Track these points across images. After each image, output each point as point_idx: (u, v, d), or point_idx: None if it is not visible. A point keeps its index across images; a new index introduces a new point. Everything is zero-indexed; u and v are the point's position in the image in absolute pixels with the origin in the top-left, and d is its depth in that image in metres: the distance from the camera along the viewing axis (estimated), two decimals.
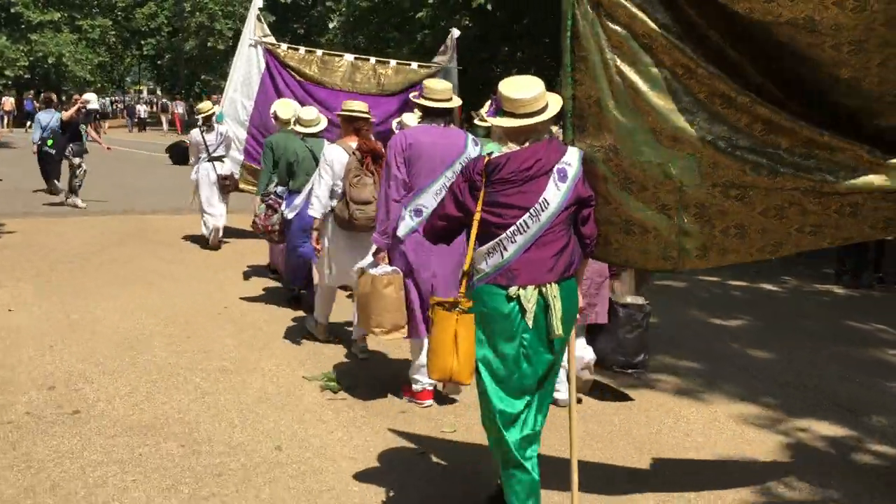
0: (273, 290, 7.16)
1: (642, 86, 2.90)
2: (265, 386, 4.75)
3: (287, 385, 4.78)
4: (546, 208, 2.83)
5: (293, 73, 9.07)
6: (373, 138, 5.23)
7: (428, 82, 4.38)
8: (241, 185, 9.20)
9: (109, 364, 4.98)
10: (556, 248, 2.86)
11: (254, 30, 9.11)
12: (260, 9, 9.25)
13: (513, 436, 2.89)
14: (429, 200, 4.19)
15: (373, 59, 9.43)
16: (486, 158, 2.90)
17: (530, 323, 2.81)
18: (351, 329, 5.49)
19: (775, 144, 2.80)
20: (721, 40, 2.85)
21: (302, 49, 9.39)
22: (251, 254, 8.69)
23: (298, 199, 5.95)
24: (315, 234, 5.28)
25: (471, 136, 4.42)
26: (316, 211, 5.16)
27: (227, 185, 9.01)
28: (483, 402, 2.97)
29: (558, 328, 2.82)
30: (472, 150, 4.25)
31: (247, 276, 7.77)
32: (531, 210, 2.83)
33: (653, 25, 2.85)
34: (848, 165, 2.72)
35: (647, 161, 2.95)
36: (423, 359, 4.32)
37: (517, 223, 2.83)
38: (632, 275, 4.90)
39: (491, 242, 2.87)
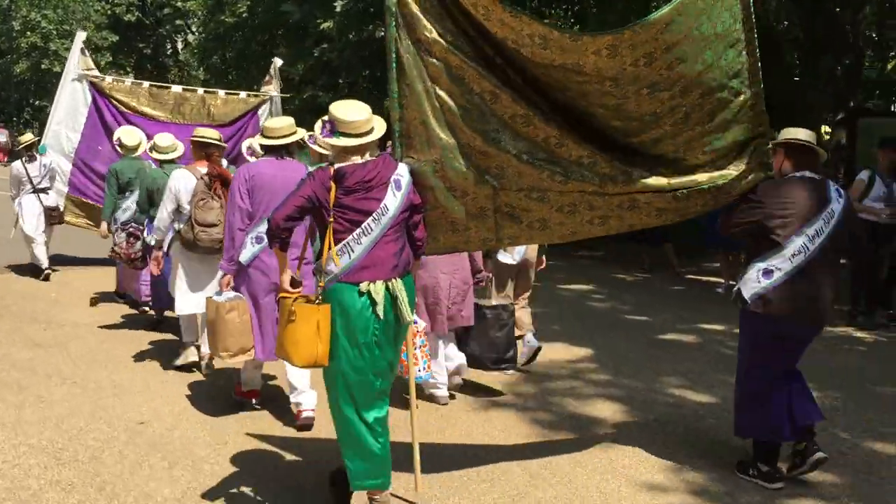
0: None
1: (457, 110, 3.69)
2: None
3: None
4: (386, 213, 3.42)
5: (120, 105, 9.53)
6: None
7: (267, 122, 4.94)
8: (68, 219, 9.51)
9: None
10: (395, 248, 3.46)
11: (77, 63, 9.48)
12: (84, 41, 9.74)
13: (369, 416, 3.45)
14: None
15: (201, 90, 10.23)
16: (332, 169, 3.41)
17: (380, 314, 3.36)
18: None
19: (566, 156, 3.76)
20: (516, 74, 3.72)
21: (128, 80, 10.09)
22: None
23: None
24: (156, 254, 5.79)
25: (309, 169, 4.65)
26: (155, 237, 5.67)
27: (53, 217, 9.20)
28: (336, 389, 3.47)
29: (409, 315, 3.46)
30: None
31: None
32: (374, 214, 3.39)
33: (463, 59, 3.63)
34: (625, 171, 3.75)
35: (466, 171, 3.75)
36: (300, 395, 4.80)
37: (362, 226, 3.37)
38: (494, 282, 5.87)
39: (339, 245, 3.38)
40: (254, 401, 5.15)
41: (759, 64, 3.69)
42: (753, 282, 4.00)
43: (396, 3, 3.65)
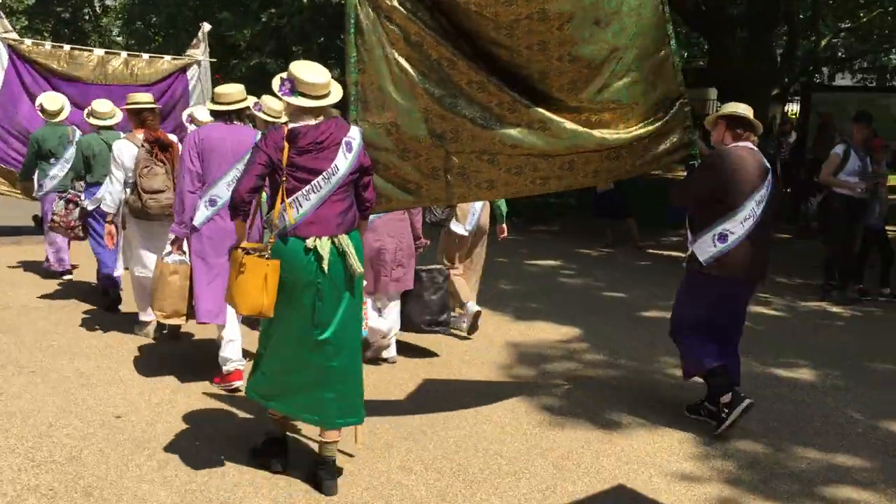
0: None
1: (416, 75, 3.86)
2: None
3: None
4: (336, 173, 3.53)
5: (40, 68, 9.36)
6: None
7: (218, 89, 4.90)
8: None
9: None
10: (342, 206, 3.59)
11: None
12: (0, 4, 9.47)
13: (317, 356, 3.57)
14: (222, 191, 4.69)
15: (124, 54, 10.23)
16: (285, 128, 3.51)
17: (325, 268, 3.48)
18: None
19: (517, 121, 3.97)
20: (468, 43, 3.88)
21: (48, 44, 9.87)
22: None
23: (100, 192, 6.10)
24: (109, 227, 5.77)
25: (259, 133, 4.78)
26: (108, 206, 5.65)
27: None
28: (275, 338, 3.65)
29: (358, 266, 3.57)
30: None
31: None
32: (324, 173, 3.50)
33: (422, 26, 3.79)
34: (568, 133, 4.01)
35: (422, 135, 3.95)
36: (225, 348, 4.83)
37: (312, 183, 3.49)
38: (441, 250, 6.08)
39: (288, 199, 3.49)
40: (236, 383, 4.81)
41: (672, 28, 4.15)
42: (709, 245, 4.29)
43: None
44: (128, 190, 5.55)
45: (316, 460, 3.71)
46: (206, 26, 10.50)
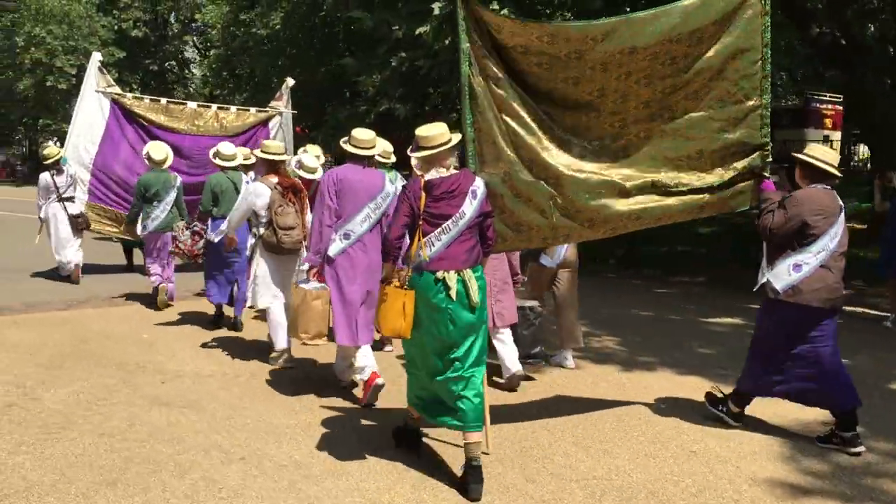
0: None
1: (520, 131, 4.53)
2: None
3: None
4: (463, 217, 4.07)
5: (141, 119, 10.32)
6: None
7: (355, 132, 5.35)
8: (95, 227, 10.14)
9: None
10: (468, 245, 4.10)
11: (97, 81, 10.19)
12: (101, 61, 10.50)
13: (452, 371, 4.02)
14: (356, 226, 5.24)
15: (214, 106, 11.20)
16: (422, 180, 4.09)
17: (453, 296, 3.98)
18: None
19: (606, 171, 4.67)
20: (565, 97, 4.61)
21: (146, 98, 10.92)
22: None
23: (224, 225, 6.94)
24: (230, 238, 6.66)
25: (387, 175, 5.57)
26: (229, 229, 6.54)
27: (79, 223, 9.85)
28: (419, 352, 4.16)
29: (476, 296, 4.04)
30: (389, 187, 5.39)
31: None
32: (453, 217, 4.05)
33: (521, 91, 4.51)
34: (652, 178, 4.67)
35: (530, 180, 4.56)
36: (359, 360, 5.33)
37: (443, 226, 4.03)
38: (529, 285, 6.44)
39: (423, 240, 4.03)
40: (378, 381, 5.22)
41: (770, 79, 4.55)
42: (784, 275, 4.60)
43: (469, 46, 4.38)
44: (261, 228, 6.05)
45: (465, 463, 3.99)
46: (290, 81, 11.33)
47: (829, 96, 30.07)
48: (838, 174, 4.68)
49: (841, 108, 30.83)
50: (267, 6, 20.32)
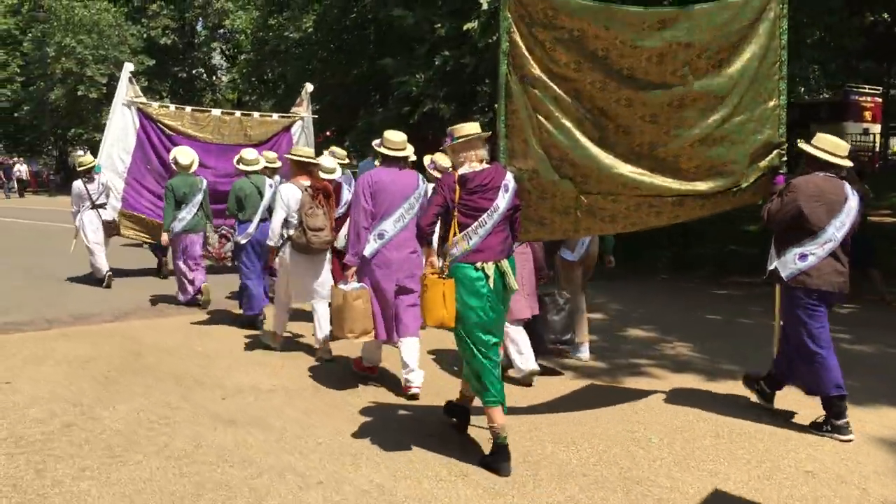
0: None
1: (553, 130, 4.61)
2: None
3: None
4: (497, 210, 4.23)
5: (167, 128, 10.55)
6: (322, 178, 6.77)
7: (387, 134, 5.45)
8: (124, 232, 10.42)
9: None
10: (502, 236, 4.28)
11: (126, 91, 10.45)
12: (132, 72, 10.64)
13: (489, 355, 4.23)
14: (389, 227, 5.35)
15: (238, 113, 11.41)
16: (456, 174, 4.25)
17: (491, 285, 4.17)
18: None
19: (633, 157, 4.66)
20: (590, 108, 4.65)
21: (172, 106, 11.13)
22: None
23: (250, 228, 7.40)
24: (272, 256, 6.65)
25: (421, 176, 5.58)
26: (272, 240, 6.44)
27: (110, 229, 10.15)
28: (465, 339, 4.24)
29: (514, 285, 4.30)
30: (423, 185, 5.49)
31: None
32: (489, 210, 4.20)
33: (558, 91, 4.59)
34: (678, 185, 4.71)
35: (556, 179, 4.68)
36: (405, 357, 5.43)
37: (479, 219, 4.18)
38: (560, 277, 6.55)
39: (462, 233, 4.20)
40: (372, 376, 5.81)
41: (786, 80, 4.70)
42: (791, 264, 4.71)
43: (509, 45, 4.56)
44: (292, 229, 6.27)
45: (493, 444, 4.18)
46: (309, 87, 11.55)
47: (869, 88, 29.44)
48: (836, 162, 4.67)
49: (880, 100, 30.22)
50: (299, 9, 20.08)
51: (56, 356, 6.37)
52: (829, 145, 4.71)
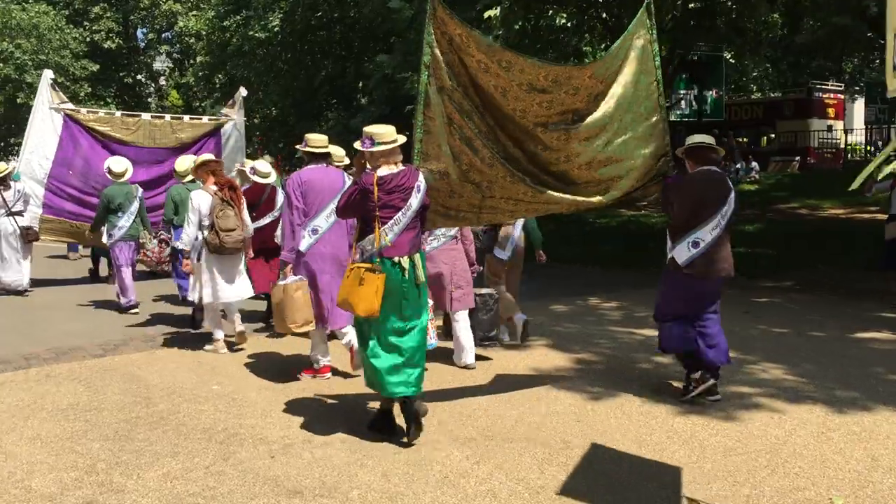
0: None
1: (465, 139, 5.01)
2: None
3: None
4: (411, 208, 4.63)
5: (97, 134, 10.67)
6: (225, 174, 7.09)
7: (308, 136, 5.93)
8: (43, 236, 10.55)
9: None
10: (413, 234, 4.70)
11: (50, 98, 10.49)
12: (59, 73, 10.14)
13: (393, 343, 4.64)
14: (322, 222, 5.77)
15: (167, 116, 11.72)
16: (374, 175, 4.57)
17: (406, 276, 4.60)
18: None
19: (532, 173, 5.18)
20: (495, 120, 5.13)
21: (101, 111, 11.59)
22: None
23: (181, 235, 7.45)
24: (186, 261, 6.86)
25: (344, 174, 6.04)
26: (185, 244, 6.75)
27: (29, 235, 10.18)
28: (366, 325, 4.68)
29: (422, 276, 4.69)
30: (348, 181, 5.68)
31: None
32: (402, 209, 4.59)
33: (471, 106, 5.03)
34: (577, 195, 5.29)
35: (462, 183, 5.10)
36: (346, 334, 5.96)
37: (394, 217, 4.57)
38: (487, 273, 7.18)
39: (380, 229, 4.55)
40: (327, 375, 6.05)
41: (664, 97, 5.38)
42: (685, 251, 5.17)
43: (431, 60, 4.86)
44: (205, 231, 6.58)
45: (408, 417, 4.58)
46: (243, 91, 11.71)
47: (832, 86, 29.60)
48: (721, 150, 5.44)
49: (843, 97, 30.42)
50: (263, 8, 19.01)
51: (47, 405, 5.31)
52: (694, 139, 5.38)
